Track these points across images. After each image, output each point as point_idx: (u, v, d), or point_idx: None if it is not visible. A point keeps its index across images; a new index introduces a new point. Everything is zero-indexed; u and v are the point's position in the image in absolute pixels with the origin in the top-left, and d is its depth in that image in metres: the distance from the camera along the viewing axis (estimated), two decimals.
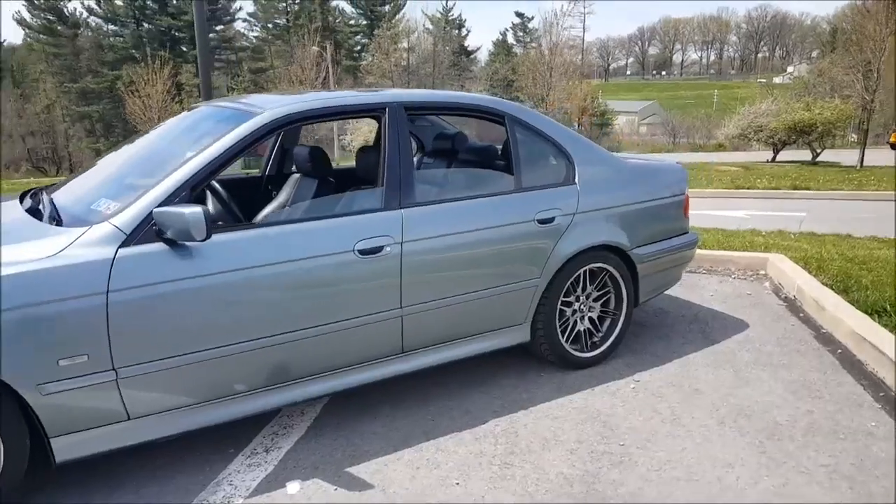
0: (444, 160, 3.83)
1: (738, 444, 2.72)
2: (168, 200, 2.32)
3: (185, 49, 50.19)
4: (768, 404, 3.06)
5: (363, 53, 55.59)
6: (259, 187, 3.90)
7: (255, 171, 4.19)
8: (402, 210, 2.79)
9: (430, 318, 2.90)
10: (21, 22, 49.60)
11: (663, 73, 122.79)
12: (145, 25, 50.43)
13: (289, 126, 2.70)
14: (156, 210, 2.27)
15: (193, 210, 2.20)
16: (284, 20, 56.07)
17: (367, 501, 2.37)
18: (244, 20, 58.74)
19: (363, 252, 2.65)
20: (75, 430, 2.24)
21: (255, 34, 58.06)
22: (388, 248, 2.70)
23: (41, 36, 49.40)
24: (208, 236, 2.23)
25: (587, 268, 3.38)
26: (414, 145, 4.38)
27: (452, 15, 60.15)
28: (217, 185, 3.17)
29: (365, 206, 2.82)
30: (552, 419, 2.95)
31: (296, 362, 2.63)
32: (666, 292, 4.65)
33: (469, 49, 63.03)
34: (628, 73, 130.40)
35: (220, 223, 2.76)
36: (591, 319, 3.52)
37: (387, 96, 2.97)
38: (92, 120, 46.23)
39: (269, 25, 57.01)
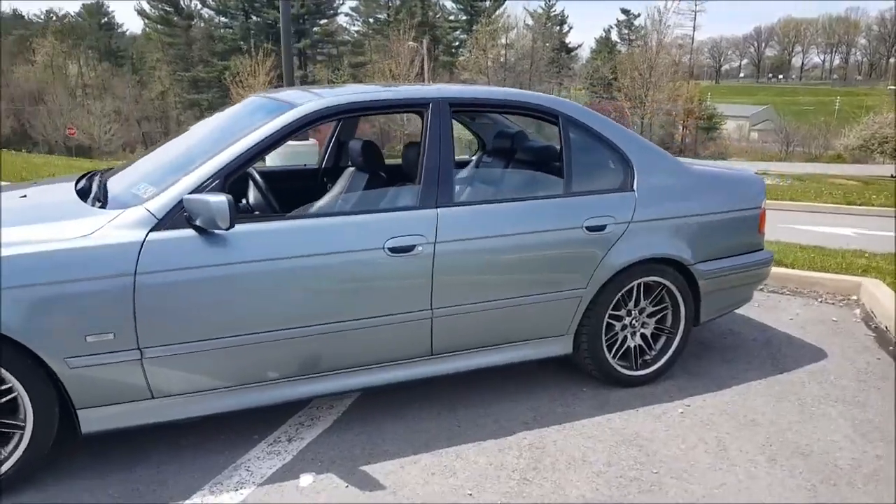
0: (504, 160, 3.72)
1: (787, 485, 2.48)
2: (200, 188, 2.35)
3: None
4: (830, 444, 2.77)
5: (460, 49, 55.76)
6: (315, 179, 3.93)
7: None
8: (438, 209, 2.71)
9: (461, 322, 2.81)
10: (141, 12, 53.27)
11: (780, 76, 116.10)
12: (253, 18, 52.74)
13: (327, 119, 2.68)
14: (186, 197, 2.30)
15: (219, 199, 2.22)
16: (385, 15, 57.08)
17: (375, 502, 2.33)
18: (346, 14, 60.48)
19: (394, 250, 2.59)
20: (101, 404, 2.31)
21: (357, 28, 59.57)
22: (420, 248, 2.64)
23: (158, 26, 52.79)
24: (232, 225, 2.24)
25: (641, 281, 3.18)
26: (475, 144, 4.31)
27: (555, 11, 59.27)
28: (257, 176, 3.21)
29: (400, 204, 2.77)
30: (585, 438, 2.79)
31: (321, 356, 2.62)
32: (740, 312, 4.38)
33: (570, 46, 62.03)
34: (741, 75, 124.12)
35: (255, 213, 2.79)
36: (643, 336, 3.31)
37: (431, 91, 2.90)
38: (201, 108, 48.81)
39: (371, 20, 58.26)
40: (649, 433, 2.84)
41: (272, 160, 7.74)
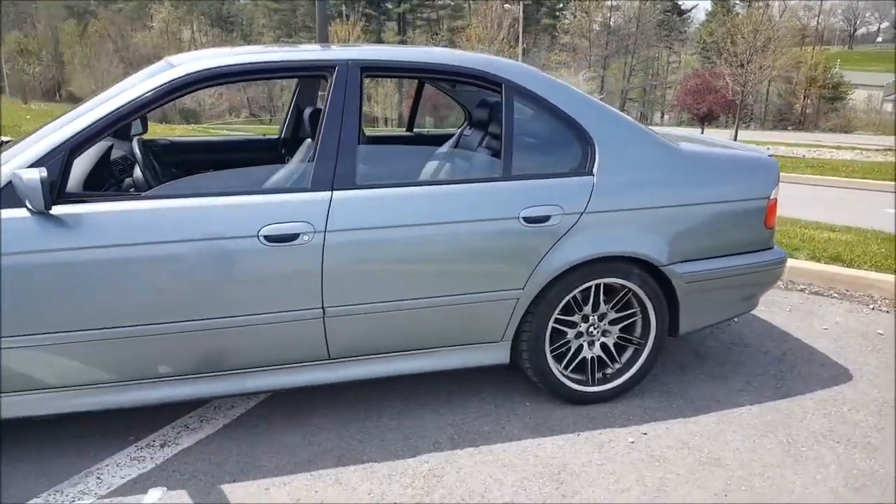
0: (482, 134, 3.26)
1: None
2: (39, 163, 2.09)
3: (389, 6, 52.12)
4: (805, 498, 2.21)
5: (563, 11, 53.73)
6: (275, 152, 3.63)
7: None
8: (334, 192, 2.33)
9: (363, 325, 2.43)
10: None
11: None
12: None
13: (199, 86, 2.31)
14: (7, 173, 2.05)
15: (31, 175, 1.95)
16: None
17: None
18: None
19: (270, 239, 2.24)
20: None
21: None
22: (305, 237, 2.27)
23: None
24: (48, 206, 1.97)
25: (600, 282, 2.68)
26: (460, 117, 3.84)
27: None
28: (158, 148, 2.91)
29: (285, 185, 2.40)
30: (499, 466, 2.37)
31: (202, 356, 2.33)
32: (762, 318, 3.75)
33: (682, 8, 58.31)
34: (879, 39, 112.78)
35: (104, 192, 2.51)
36: (605, 346, 2.82)
37: (339, 53, 2.49)
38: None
39: None
40: (580, 466, 2.38)
41: None
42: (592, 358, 2.80)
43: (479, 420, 2.66)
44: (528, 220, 2.51)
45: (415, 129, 3.94)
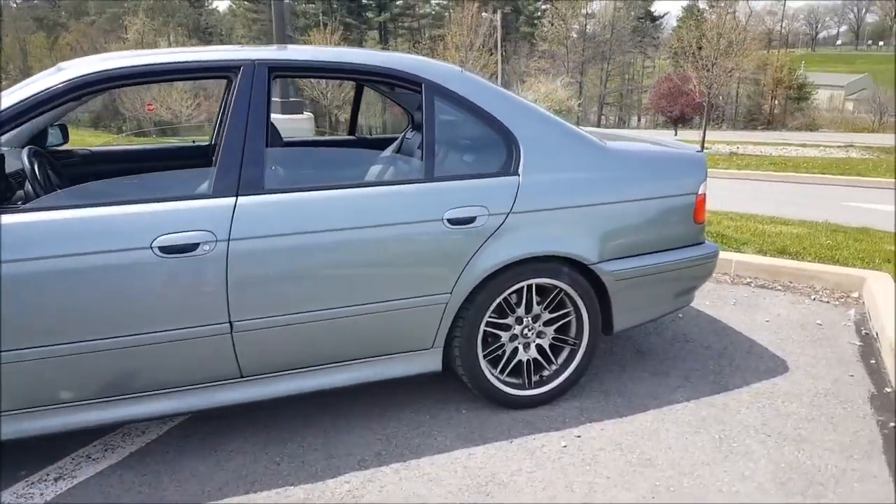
0: (422, 137, 3.21)
1: None
2: None
3: (370, 15, 52.06)
4: (731, 496, 2.19)
5: (541, 20, 54.13)
6: (205, 158, 3.54)
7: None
8: (239, 198, 2.25)
9: (276, 339, 2.35)
10: None
11: (880, 42, 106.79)
12: None
13: (90, 90, 2.20)
14: None
15: None
16: None
17: None
18: None
19: (166, 250, 2.15)
20: None
21: (437, 1, 58.83)
22: (205, 247, 2.19)
23: (245, 2, 53.83)
24: None
25: (531, 282, 2.65)
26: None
27: None
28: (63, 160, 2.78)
29: (182, 192, 2.30)
30: (425, 481, 2.30)
31: (102, 377, 2.21)
32: (707, 312, 3.76)
33: (655, 14, 59.10)
34: (839, 42, 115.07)
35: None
36: (540, 348, 2.79)
37: (244, 54, 2.42)
38: (285, 82, 49.56)
39: None
40: (509, 476, 2.33)
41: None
42: (528, 360, 2.77)
43: (410, 432, 2.61)
44: (452, 221, 2.47)
45: (357, 134, 3.89)
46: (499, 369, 2.73)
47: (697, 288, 3.10)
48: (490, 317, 2.64)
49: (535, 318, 2.74)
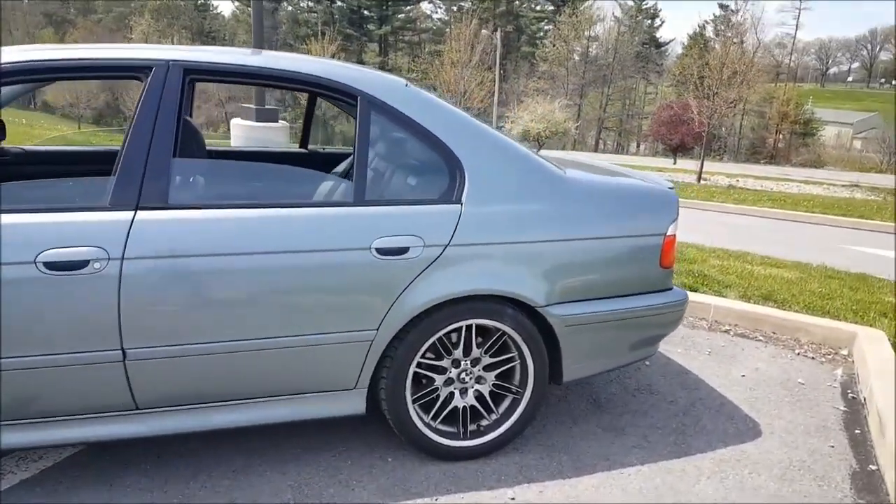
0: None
1: None
2: None
3: (371, 28, 52.30)
4: None
5: (542, 40, 54.25)
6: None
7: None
8: (138, 213, 1.99)
9: (176, 369, 2.07)
10: None
11: (893, 82, 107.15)
12: (337, 3, 53.12)
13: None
14: None
15: None
16: (469, 2, 56.22)
17: None
18: (430, 1, 60.05)
19: (52, 266, 1.89)
20: None
21: (439, 16, 59.11)
22: (96, 265, 1.92)
23: (248, 8, 54.21)
24: None
25: (471, 323, 2.37)
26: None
27: (647, 4, 56.60)
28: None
29: (78, 202, 2.03)
30: None
31: None
32: (677, 361, 3.47)
33: (660, 41, 59.17)
34: (850, 79, 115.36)
35: None
36: (480, 394, 2.50)
37: (157, 53, 2.17)
38: (282, 92, 49.69)
39: (455, 8, 57.66)
40: None
41: (237, 141, 7.21)
42: (465, 407, 2.49)
43: (326, 480, 2.31)
44: (382, 251, 2.19)
45: (310, 147, 3.63)
46: (432, 415, 2.45)
47: (662, 338, 2.81)
48: (423, 358, 2.36)
49: (475, 362, 2.46)
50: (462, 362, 2.44)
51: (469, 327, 2.39)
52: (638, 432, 2.77)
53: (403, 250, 2.22)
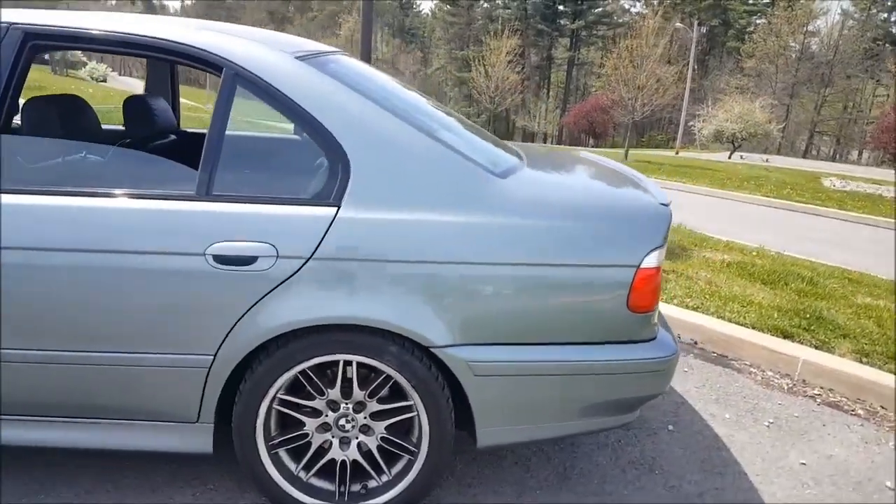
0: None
1: None
2: None
3: (563, 23, 51.35)
4: None
5: (752, 35, 49.44)
6: None
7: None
8: None
9: None
10: None
11: None
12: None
13: None
14: None
15: None
16: None
17: None
18: None
19: None
20: None
21: (637, 10, 56.42)
22: None
23: (446, 6, 55.98)
24: None
25: (351, 359, 1.86)
26: None
27: None
28: None
29: None
30: None
31: None
32: (715, 426, 2.70)
33: None
34: None
35: None
36: (363, 447, 1.99)
37: None
38: (468, 86, 50.67)
39: (655, 2, 54.65)
40: None
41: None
42: (342, 462, 1.99)
43: None
44: (220, 259, 1.77)
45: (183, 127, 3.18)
46: (302, 465, 1.98)
47: (639, 402, 2.07)
48: (285, 395, 1.90)
49: (359, 408, 1.95)
50: (342, 405, 1.94)
51: (352, 363, 1.88)
52: (579, 487, 2.09)
53: (249, 260, 1.77)
